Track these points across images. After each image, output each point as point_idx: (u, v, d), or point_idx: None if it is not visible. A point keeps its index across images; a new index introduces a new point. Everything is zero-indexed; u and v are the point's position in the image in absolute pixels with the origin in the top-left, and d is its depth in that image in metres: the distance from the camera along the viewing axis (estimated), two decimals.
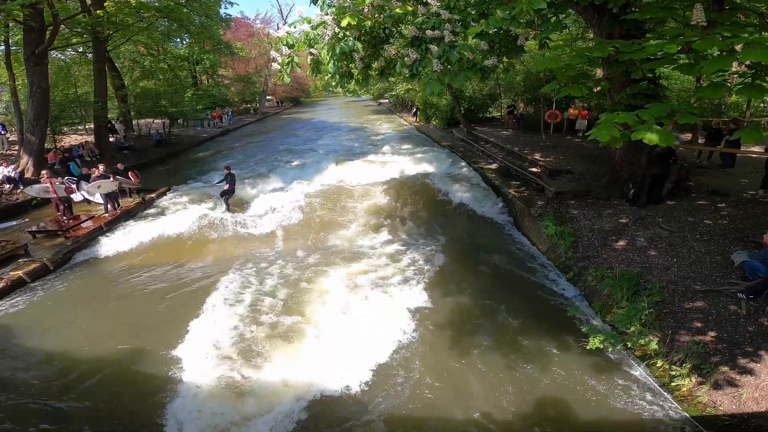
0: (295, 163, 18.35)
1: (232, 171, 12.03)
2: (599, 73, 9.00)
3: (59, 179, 11.53)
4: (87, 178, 11.62)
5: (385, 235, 10.47)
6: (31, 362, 6.17)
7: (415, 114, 30.88)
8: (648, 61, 4.95)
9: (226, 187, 11.81)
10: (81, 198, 11.55)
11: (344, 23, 5.32)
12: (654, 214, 8.65)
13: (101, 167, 11.92)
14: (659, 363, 5.55)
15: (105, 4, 15.29)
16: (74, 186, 11.40)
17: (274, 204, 12.56)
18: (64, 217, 10.70)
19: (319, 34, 5.91)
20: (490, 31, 5.21)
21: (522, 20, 4.99)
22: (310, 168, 16.80)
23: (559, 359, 5.97)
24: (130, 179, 12.55)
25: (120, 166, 12.99)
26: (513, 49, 6.04)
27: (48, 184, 10.54)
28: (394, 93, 36.86)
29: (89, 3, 16.56)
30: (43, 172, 11.21)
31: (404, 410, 5.23)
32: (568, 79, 5.66)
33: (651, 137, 3.77)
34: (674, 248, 7.38)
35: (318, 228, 11.01)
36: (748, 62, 4.08)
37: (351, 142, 24.07)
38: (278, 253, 9.56)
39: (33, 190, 11.03)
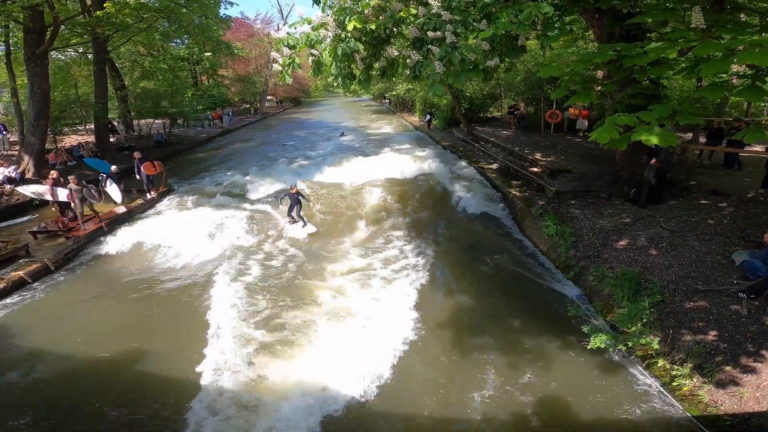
0: (296, 163, 18.35)
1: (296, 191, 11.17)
2: (599, 73, 9.03)
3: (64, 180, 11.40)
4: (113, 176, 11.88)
5: (385, 234, 10.48)
6: (32, 363, 6.17)
7: (429, 122, 26.78)
8: (651, 64, 4.97)
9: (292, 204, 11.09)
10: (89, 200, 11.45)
11: (350, 27, 5.33)
12: (655, 213, 8.66)
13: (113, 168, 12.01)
14: (660, 363, 5.57)
15: (105, 4, 15.27)
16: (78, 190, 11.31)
17: (274, 203, 12.58)
18: (66, 218, 10.69)
19: (320, 35, 5.92)
20: (498, 34, 5.22)
21: (528, 24, 5.00)
22: (310, 168, 16.83)
23: (560, 359, 5.98)
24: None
25: (137, 154, 13.33)
26: (514, 49, 6.04)
27: (48, 186, 10.51)
28: (394, 93, 36.86)
29: (89, 4, 16.55)
30: (53, 172, 11.12)
31: (405, 409, 5.24)
32: (573, 84, 5.68)
33: (651, 139, 3.78)
34: (675, 248, 7.39)
35: (319, 227, 11.02)
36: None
37: (351, 142, 24.07)
38: (279, 252, 9.57)
39: (28, 190, 10.95)
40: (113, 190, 11.72)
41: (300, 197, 10.96)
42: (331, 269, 8.73)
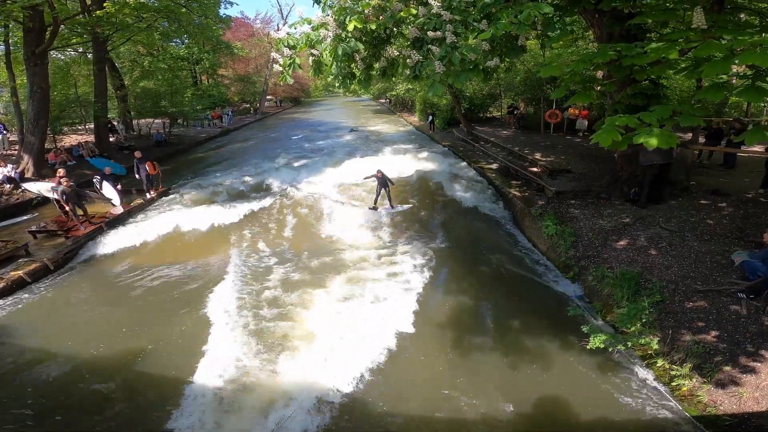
0: (297, 163, 18.35)
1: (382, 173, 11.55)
2: (599, 73, 9.05)
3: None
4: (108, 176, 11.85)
5: (385, 233, 10.48)
6: (31, 363, 6.17)
7: (431, 123, 25.50)
8: (651, 65, 4.97)
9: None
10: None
11: (351, 27, 5.34)
12: (654, 213, 8.67)
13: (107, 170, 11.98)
14: (660, 362, 5.57)
15: (104, 4, 15.27)
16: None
17: (275, 203, 12.59)
18: (68, 217, 10.66)
19: (320, 35, 5.93)
20: (498, 35, 5.23)
21: (528, 24, 5.00)
22: (311, 168, 16.82)
23: (560, 359, 5.99)
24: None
25: (138, 154, 13.29)
26: (514, 49, 6.04)
27: (55, 184, 10.54)
28: (394, 93, 36.86)
29: (89, 3, 16.55)
30: (60, 170, 11.14)
31: (404, 410, 5.24)
32: (573, 84, 5.68)
33: (651, 141, 3.78)
34: (675, 248, 7.40)
35: (319, 226, 11.03)
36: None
37: (352, 142, 24.07)
38: (279, 251, 9.57)
39: (34, 187, 10.96)
40: (109, 190, 11.71)
41: (387, 179, 11.31)
42: (329, 268, 8.73)
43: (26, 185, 11.26)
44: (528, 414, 5.12)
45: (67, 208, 10.27)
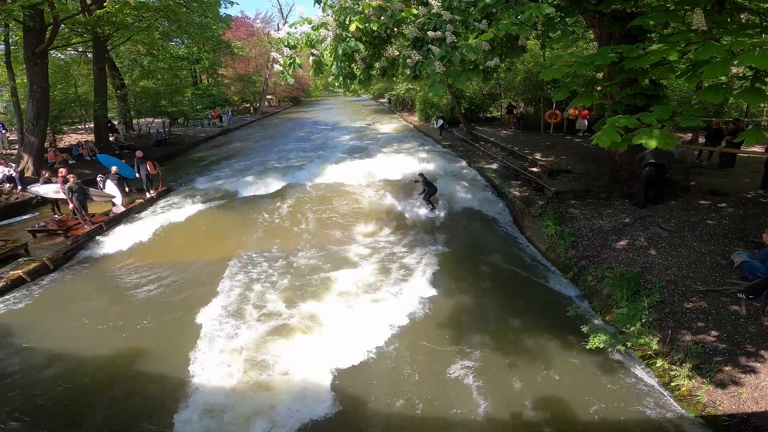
0: (296, 163, 18.36)
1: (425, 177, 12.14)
2: (600, 74, 9.05)
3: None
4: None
5: (384, 234, 10.48)
6: (30, 362, 6.17)
7: (441, 127, 23.44)
8: (652, 66, 4.97)
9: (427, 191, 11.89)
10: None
11: (352, 28, 5.34)
12: (654, 213, 8.67)
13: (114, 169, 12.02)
14: (659, 363, 5.58)
15: (105, 4, 15.27)
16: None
17: (275, 202, 12.59)
18: (76, 215, 10.63)
19: (320, 35, 5.93)
20: (499, 36, 5.22)
21: (529, 25, 5.00)
22: (311, 168, 16.81)
23: (559, 359, 5.99)
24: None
25: (139, 153, 13.38)
26: (514, 49, 6.04)
27: (59, 184, 10.54)
28: (394, 92, 36.86)
29: (89, 3, 16.54)
30: (62, 170, 11.16)
31: (403, 410, 5.24)
32: (575, 85, 5.67)
33: (650, 142, 3.78)
34: (674, 248, 7.41)
35: (319, 227, 11.03)
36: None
37: (351, 142, 24.06)
38: (279, 252, 9.57)
39: (41, 190, 10.94)
40: (112, 189, 11.73)
41: (427, 182, 11.74)
42: (328, 268, 8.72)
43: (33, 190, 11.25)
44: (527, 414, 5.13)
45: (72, 205, 10.27)
